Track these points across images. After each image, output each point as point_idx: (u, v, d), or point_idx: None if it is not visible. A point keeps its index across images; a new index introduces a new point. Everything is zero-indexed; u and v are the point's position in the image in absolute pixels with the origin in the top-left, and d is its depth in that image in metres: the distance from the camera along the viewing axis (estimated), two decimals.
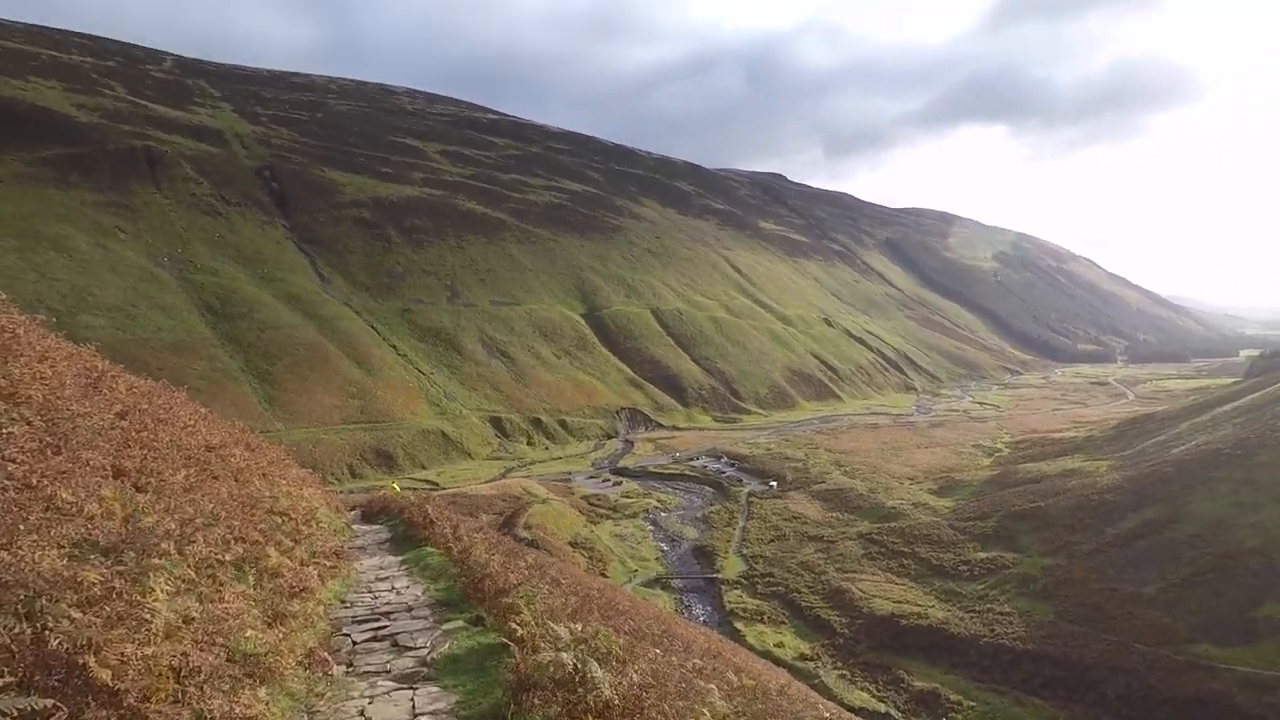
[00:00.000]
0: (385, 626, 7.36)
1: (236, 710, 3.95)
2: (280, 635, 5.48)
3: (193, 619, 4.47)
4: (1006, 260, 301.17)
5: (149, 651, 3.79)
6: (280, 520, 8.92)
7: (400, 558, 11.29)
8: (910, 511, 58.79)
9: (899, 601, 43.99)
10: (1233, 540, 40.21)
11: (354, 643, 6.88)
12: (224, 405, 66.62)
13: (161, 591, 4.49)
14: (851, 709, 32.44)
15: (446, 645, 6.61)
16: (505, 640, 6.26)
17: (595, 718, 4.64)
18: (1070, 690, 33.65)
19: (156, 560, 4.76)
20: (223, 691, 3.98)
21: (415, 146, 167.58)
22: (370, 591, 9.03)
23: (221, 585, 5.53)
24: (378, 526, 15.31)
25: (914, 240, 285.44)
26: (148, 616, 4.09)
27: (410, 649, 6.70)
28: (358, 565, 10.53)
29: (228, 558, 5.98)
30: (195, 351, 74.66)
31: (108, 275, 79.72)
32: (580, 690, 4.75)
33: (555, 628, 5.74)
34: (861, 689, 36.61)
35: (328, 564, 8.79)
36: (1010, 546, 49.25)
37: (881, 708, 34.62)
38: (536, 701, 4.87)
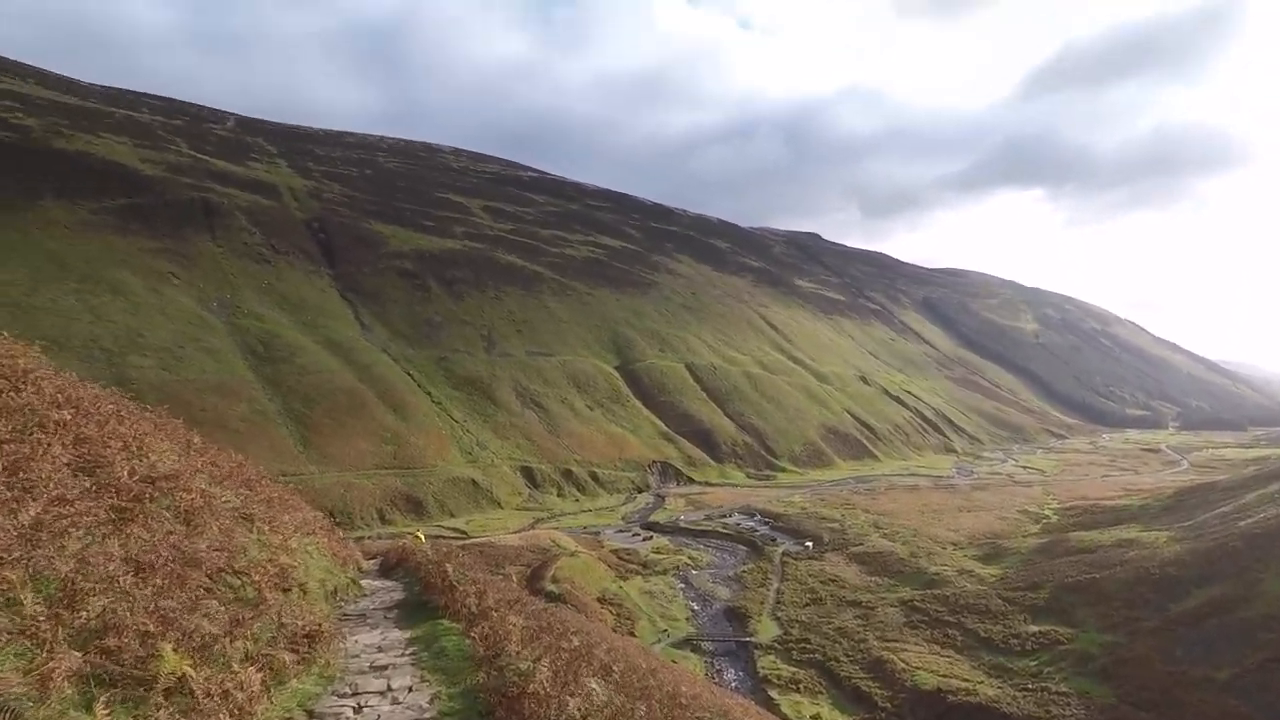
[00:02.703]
0: None
1: None
2: None
3: None
4: (1048, 322, 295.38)
5: None
6: (236, 585, 6.61)
7: (408, 634, 9.01)
8: (954, 578, 55.92)
9: (945, 675, 41.29)
10: None
11: None
12: (261, 447, 67.33)
13: None
14: None
15: None
16: None
17: None
18: None
19: None
20: None
21: (458, 202, 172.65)
22: (355, 695, 6.47)
23: None
24: (393, 583, 13.29)
25: (952, 300, 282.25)
26: None
27: None
28: (349, 644, 8.28)
29: (17, 690, 3.41)
30: (237, 393, 76.03)
31: (158, 318, 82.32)
32: None
33: None
34: None
35: (290, 657, 6.15)
36: (1064, 620, 46.24)
37: None
38: None
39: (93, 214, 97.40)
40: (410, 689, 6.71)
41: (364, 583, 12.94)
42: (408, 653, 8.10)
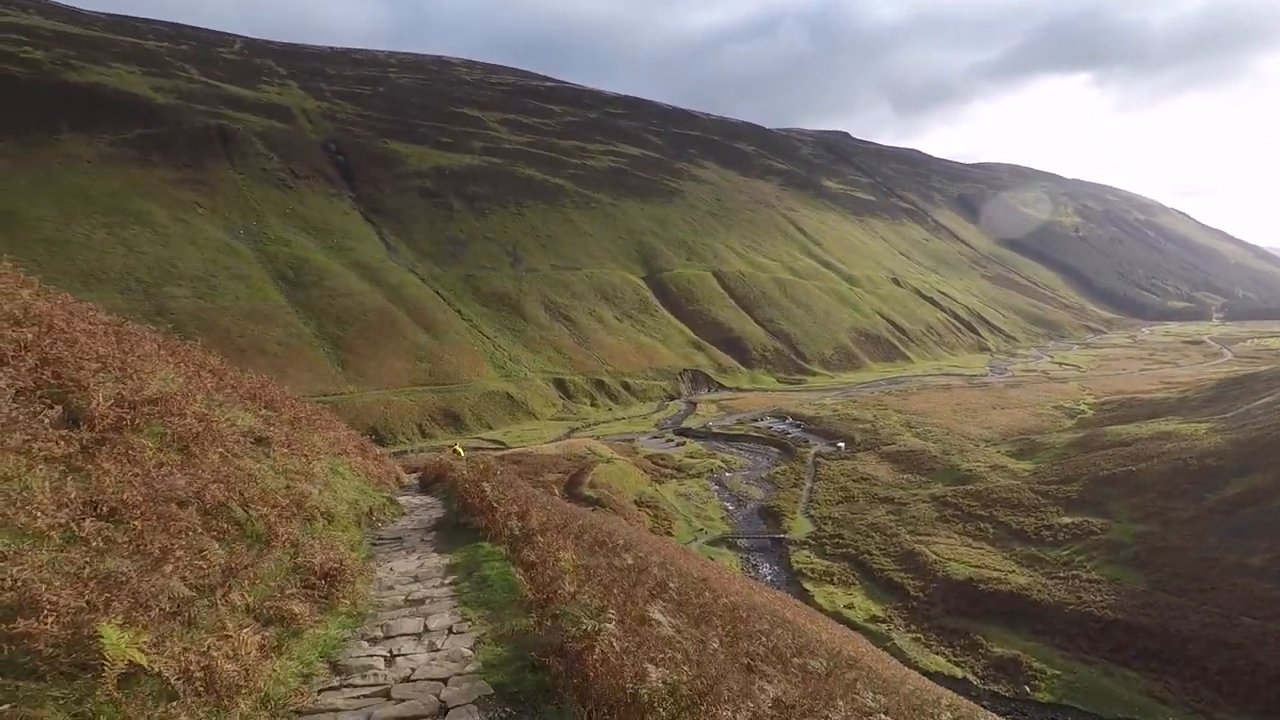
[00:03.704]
0: None
1: None
2: None
3: None
4: (1089, 215, 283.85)
5: None
6: (242, 519, 5.79)
7: (447, 559, 8.33)
8: (987, 474, 56.40)
9: (976, 566, 42.28)
10: None
11: None
12: (300, 369, 69.13)
13: None
14: (927, 673, 31.43)
15: None
16: None
17: None
18: (1166, 663, 31.63)
19: None
20: None
21: (475, 116, 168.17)
22: (387, 638, 5.70)
23: None
24: (432, 499, 12.78)
25: (988, 196, 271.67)
26: None
27: None
28: (383, 573, 7.61)
29: None
30: (272, 319, 77.42)
31: (188, 248, 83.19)
32: None
33: None
34: (937, 653, 35.42)
35: (302, 607, 5.26)
36: (1098, 512, 46.61)
37: (959, 673, 33.41)
38: None
39: (112, 146, 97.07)
40: (450, 630, 5.93)
41: (403, 500, 12.54)
42: (446, 582, 7.38)
